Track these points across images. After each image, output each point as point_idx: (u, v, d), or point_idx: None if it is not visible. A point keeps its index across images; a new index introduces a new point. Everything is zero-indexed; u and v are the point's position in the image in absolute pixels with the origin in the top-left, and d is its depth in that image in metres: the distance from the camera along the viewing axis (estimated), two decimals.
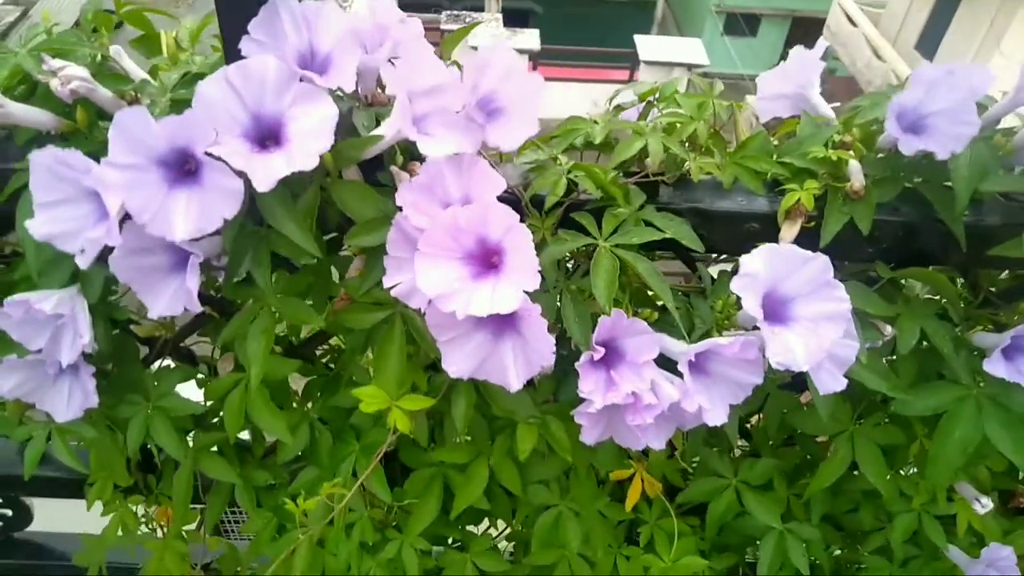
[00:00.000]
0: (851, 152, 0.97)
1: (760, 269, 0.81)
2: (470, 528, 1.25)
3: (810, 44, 1.08)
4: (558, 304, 0.87)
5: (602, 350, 0.82)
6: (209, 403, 1.08)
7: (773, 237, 0.95)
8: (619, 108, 1.05)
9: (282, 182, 0.73)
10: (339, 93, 0.82)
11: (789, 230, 0.95)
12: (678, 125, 0.93)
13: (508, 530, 1.31)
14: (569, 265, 0.95)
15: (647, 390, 0.81)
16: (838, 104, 1.11)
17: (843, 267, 1.09)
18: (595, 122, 0.99)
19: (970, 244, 0.95)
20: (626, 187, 0.92)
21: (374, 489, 1.05)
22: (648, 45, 12.12)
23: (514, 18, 15.65)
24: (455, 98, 0.78)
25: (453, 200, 0.80)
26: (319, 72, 0.79)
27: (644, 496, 1.18)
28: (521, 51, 11.92)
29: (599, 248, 0.84)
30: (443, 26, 12.27)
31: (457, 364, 0.80)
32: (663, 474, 1.21)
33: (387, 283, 0.80)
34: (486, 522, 1.30)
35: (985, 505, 1.07)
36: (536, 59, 12.63)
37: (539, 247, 0.85)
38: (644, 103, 1.04)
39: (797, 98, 1.10)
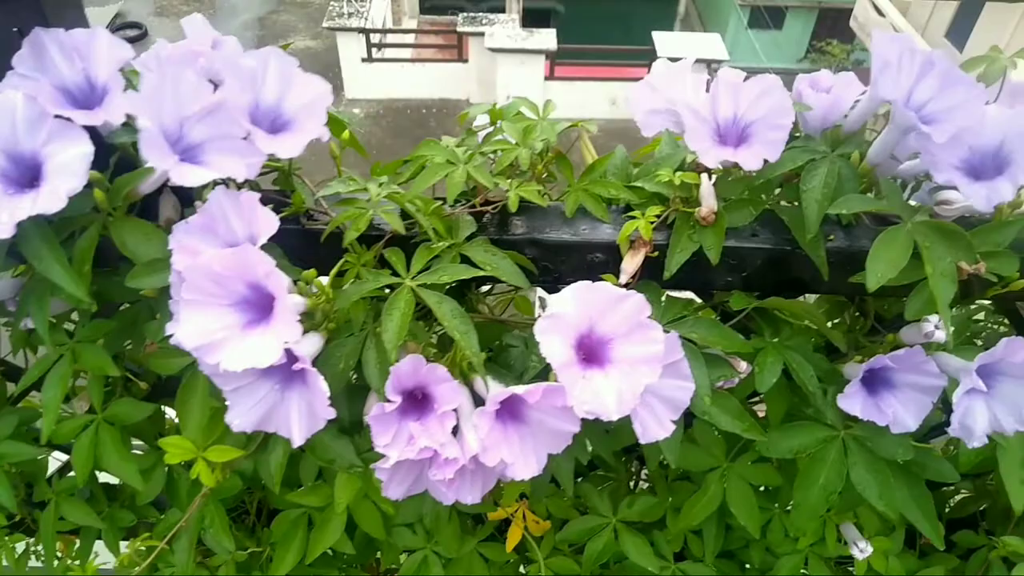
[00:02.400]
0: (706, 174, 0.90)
1: (569, 309, 0.75)
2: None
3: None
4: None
5: (397, 400, 0.76)
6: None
7: (619, 268, 0.89)
8: (471, 132, 0.98)
9: (50, 222, 0.69)
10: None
11: (631, 260, 0.88)
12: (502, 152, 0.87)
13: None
14: None
15: (446, 443, 0.76)
16: None
17: (709, 296, 1.03)
18: (447, 147, 0.93)
19: (843, 269, 0.88)
20: (452, 219, 0.86)
21: (217, 537, 1.00)
22: (666, 41, 11.96)
23: (536, 17, 15.60)
24: (233, 119, 0.73)
25: (239, 240, 0.75)
26: (96, 104, 0.75)
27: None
28: (538, 51, 11.86)
29: (401, 287, 0.78)
30: (459, 28, 12.27)
31: (240, 417, 0.75)
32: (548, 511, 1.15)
33: (168, 330, 0.75)
34: None
35: (864, 550, 0.99)
36: (553, 58, 12.56)
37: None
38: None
39: (670, 113, 1.03)
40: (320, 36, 14.00)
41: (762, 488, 1.13)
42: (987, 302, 1.12)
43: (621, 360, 0.76)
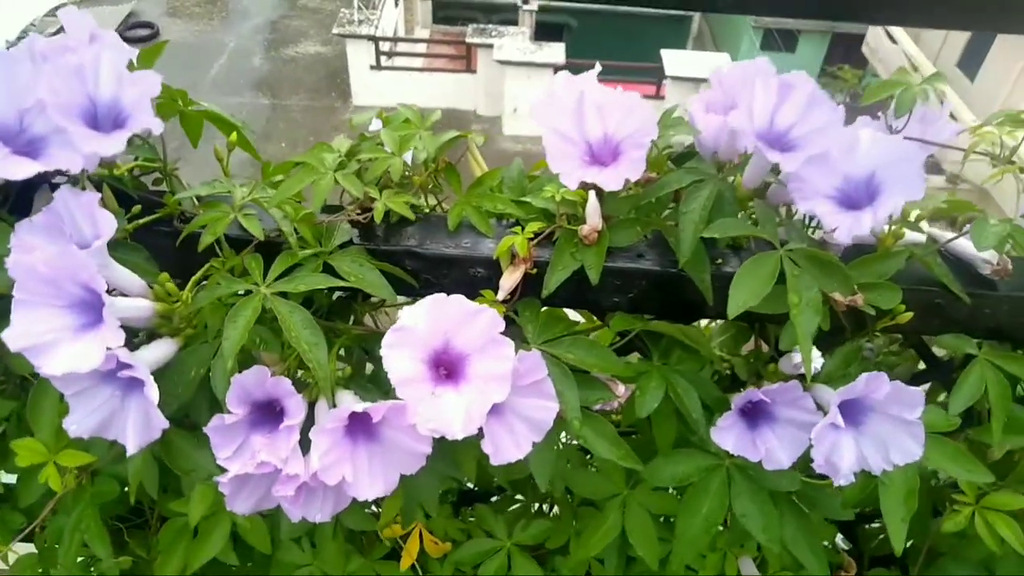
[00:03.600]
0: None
1: (420, 323, 0.73)
2: None
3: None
4: None
5: (239, 412, 0.74)
6: None
7: None
8: (364, 137, 0.96)
9: None
10: None
11: (510, 277, 0.86)
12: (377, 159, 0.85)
13: None
14: None
15: (289, 459, 0.73)
16: None
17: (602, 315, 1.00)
18: (338, 152, 0.92)
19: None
20: (325, 227, 0.84)
21: (93, 542, 0.98)
22: (674, 60, 11.98)
23: (548, 31, 15.63)
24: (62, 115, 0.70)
25: (88, 241, 0.74)
26: None
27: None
28: (546, 65, 11.89)
29: (252, 294, 0.76)
30: (468, 39, 12.32)
31: (78, 422, 0.73)
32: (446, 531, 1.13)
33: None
34: None
35: None
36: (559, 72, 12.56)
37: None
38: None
39: None
40: (330, 42, 14.07)
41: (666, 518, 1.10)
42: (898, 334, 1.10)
43: (476, 377, 0.74)
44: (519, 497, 1.23)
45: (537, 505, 1.22)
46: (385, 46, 12.71)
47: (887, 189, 0.71)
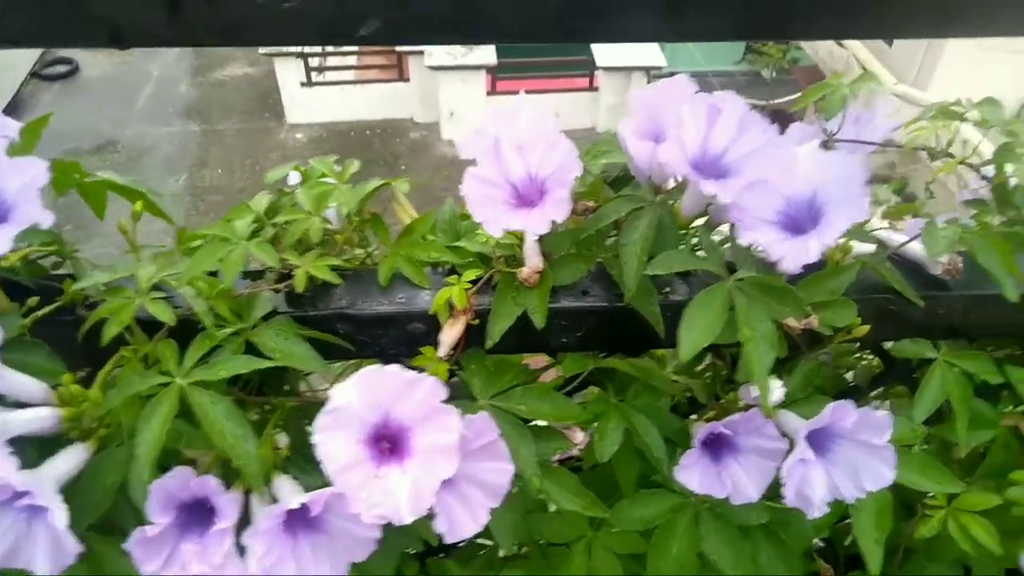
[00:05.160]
0: None
1: (353, 399, 0.67)
2: None
3: None
4: None
5: (163, 522, 0.67)
6: None
7: None
8: (282, 192, 0.90)
9: None
10: None
11: (449, 331, 0.81)
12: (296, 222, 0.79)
13: None
14: None
15: (225, 565, 0.67)
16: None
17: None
18: (255, 215, 0.85)
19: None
20: (245, 299, 0.78)
21: None
22: (604, 50, 12.02)
23: None
24: None
25: None
26: None
27: None
28: (478, 67, 11.84)
29: (168, 387, 0.69)
30: (398, 48, 12.17)
31: None
32: None
33: None
34: None
35: None
36: (495, 73, 12.54)
37: None
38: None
39: None
40: (258, 62, 13.80)
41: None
42: None
43: (420, 451, 0.68)
44: (488, 542, 1.18)
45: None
46: (315, 61, 12.50)
47: (831, 210, 0.68)
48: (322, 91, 12.88)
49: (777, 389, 0.76)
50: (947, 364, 0.87)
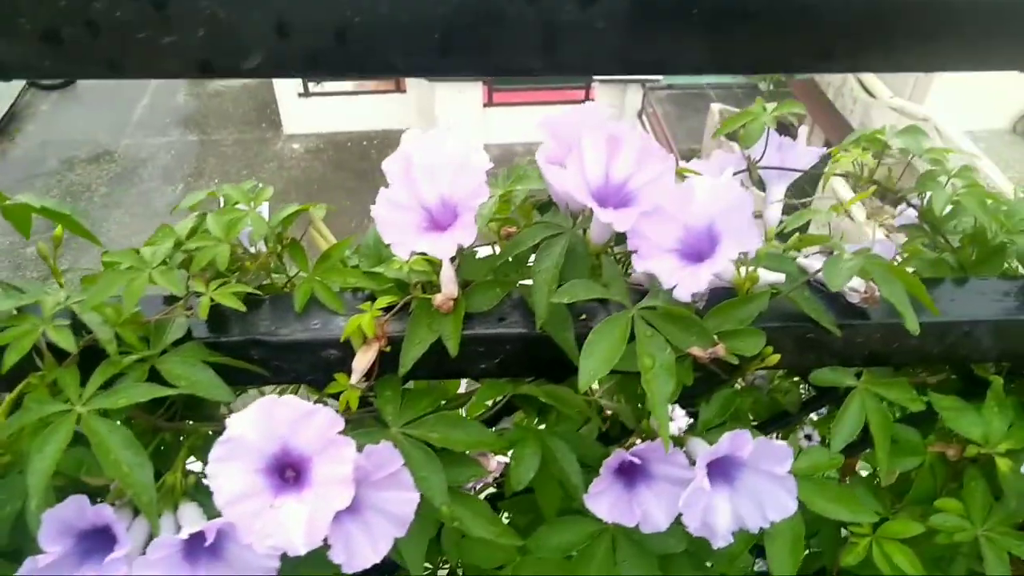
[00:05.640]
0: None
1: (248, 431, 0.67)
2: None
3: None
4: None
5: (54, 551, 0.67)
6: None
7: None
8: (203, 218, 0.90)
9: None
10: None
11: (362, 358, 0.80)
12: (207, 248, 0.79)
13: None
14: None
15: None
16: None
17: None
18: (176, 238, 0.85)
19: None
20: (155, 325, 0.78)
21: None
22: None
23: None
24: None
25: None
26: None
27: None
28: (475, 78, 11.90)
29: (66, 415, 0.69)
30: None
31: None
32: None
33: None
34: None
35: None
36: (491, 85, 12.61)
37: None
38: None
39: None
40: None
41: None
42: None
43: (318, 482, 0.68)
44: (427, 565, 1.18)
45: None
46: None
47: (724, 239, 0.68)
48: (319, 102, 12.96)
49: (680, 418, 0.75)
50: (867, 392, 0.87)
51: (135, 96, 13.69)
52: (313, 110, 12.89)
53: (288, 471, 0.71)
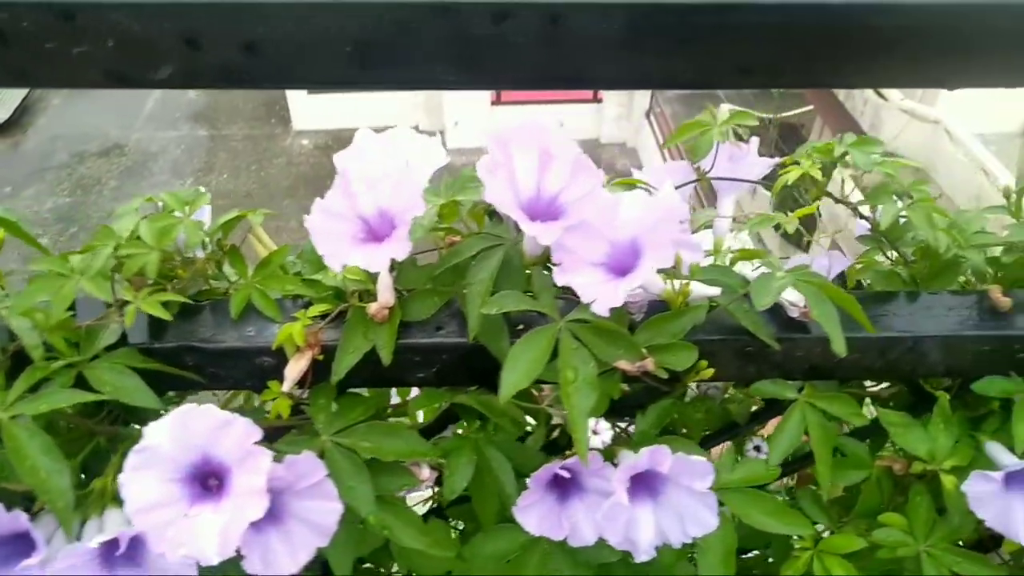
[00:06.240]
0: None
1: (163, 441, 0.67)
2: None
3: None
4: None
5: None
6: None
7: None
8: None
9: None
10: None
11: (294, 366, 0.80)
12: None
13: None
14: None
15: None
16: None
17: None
18: (116, 239, 0.86)
19: None
20: (86, 331, 0.78)
21: None
22: None
23: None
24: None
25: None
26: None
27: None
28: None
29: None
30: None
31: None
32: None
33: None
34: None
35: None
36: None
37: None
38: None
39: None
40: None
41: None
42: None
43: (235, 492, 0.68)
44: (382, 570, 1.18)
45: None
46: None
47: (646, 254, 0.68)
48: (329, 98, 12.98)
49: (605, 432, 0.75)
50: (808, 405, 0.87)
51: (146, 92, 13.76)
52: (322, 107, 12.92)
53: (211, 480, 0.71)
